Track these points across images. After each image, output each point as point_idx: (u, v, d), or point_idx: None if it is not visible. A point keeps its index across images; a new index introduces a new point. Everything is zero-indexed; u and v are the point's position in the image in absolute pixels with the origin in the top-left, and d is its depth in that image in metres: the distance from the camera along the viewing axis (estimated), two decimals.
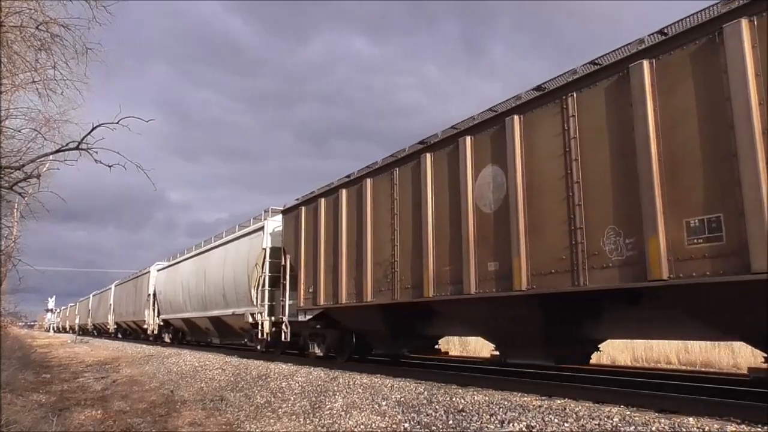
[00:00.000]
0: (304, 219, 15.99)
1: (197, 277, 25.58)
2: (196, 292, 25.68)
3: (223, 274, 22.05)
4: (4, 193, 14.97)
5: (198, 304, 25.42)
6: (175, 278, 29.42)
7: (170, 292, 30.04)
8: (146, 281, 35.37)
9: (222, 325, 23.52)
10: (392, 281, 12.00)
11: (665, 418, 6.47)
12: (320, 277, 14.81)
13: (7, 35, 10.69)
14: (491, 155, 9.85)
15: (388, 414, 8.63)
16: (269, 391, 11.79)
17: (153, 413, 10.91)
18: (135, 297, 38.77)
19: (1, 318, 30.81)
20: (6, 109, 14.95)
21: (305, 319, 15.66)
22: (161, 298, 31.94)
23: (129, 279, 42.94)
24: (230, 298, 21.21)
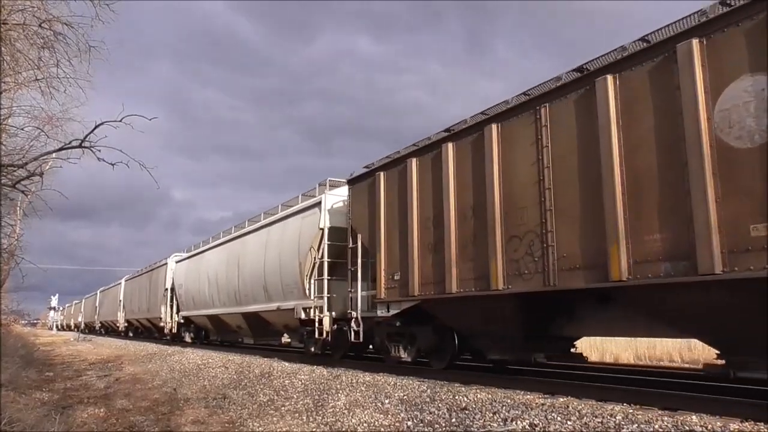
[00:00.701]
0: (384, 187, 12.88)
1: (228, 267, 22.32)
2: (226, 284, 22.37)
3: (265, 263, 18.75)
4: (7, 191, 14.98)
5: (229, 298, 22.18)
6: (198, 270, 26.23)
7: (192, 286, 26.87)
8: (163, 274, 32.18)
9: (259, 323, 20.50)
10: (544, 260, 8.89)
11: (668, 416, 6.46)
12: (412, 260, 11.67)
13: (10, 33, 10.69)
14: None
15: (391, 412, 8.64)
16: (272, 389, 11.79)
17: (156, 411, 10.92)
18: (149, 292, 35.34)
19: (1, 316, 30.68)
20: (9, 107, 14.99)
21: (388, 313, 12.51)
22: (181, 292, 28.63)
23: (142, 272, 39.28)
24: (274, 291, 18.10)
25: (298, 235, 16.68)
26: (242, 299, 20.70)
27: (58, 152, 14.20)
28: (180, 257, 30.81)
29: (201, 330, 28.85)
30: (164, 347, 27.04)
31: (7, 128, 15.53)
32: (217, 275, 23.50)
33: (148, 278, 36.17)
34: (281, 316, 17.90)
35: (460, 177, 10.77)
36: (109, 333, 52.94)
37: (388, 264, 12.68)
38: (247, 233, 21.33)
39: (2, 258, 21.87)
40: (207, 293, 24.53)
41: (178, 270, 29.95)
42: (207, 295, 24.55)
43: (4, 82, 12.76)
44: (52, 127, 16.12)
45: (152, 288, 34.46)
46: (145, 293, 36.63)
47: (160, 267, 33.47)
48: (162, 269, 32.77)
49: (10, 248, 22.60)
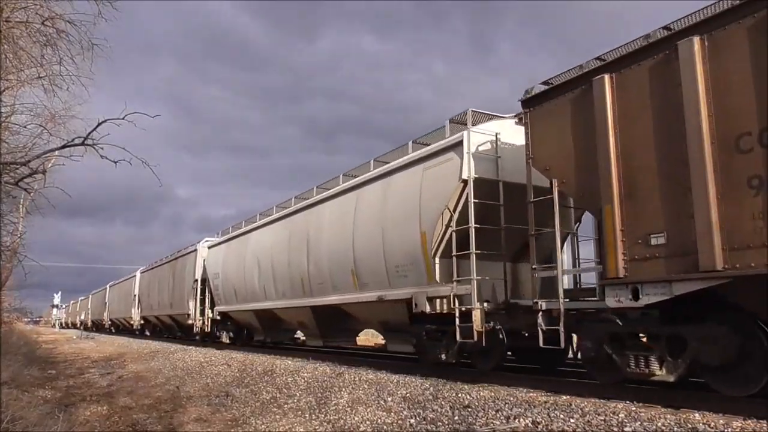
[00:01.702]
0: (615, 98, 8.25)
1: (290, 248, 17.43)
2: (287, 271, 17.58)
3: (354, 239, 13.99)
4: (10, 188, 15.00)
5: (291, 288, 17.37)
6: (242, 255, 21.33)
7: (234, 275, 21.99)
8: (190, 263, 27.34)
9: (334, 319, 16.10)
10: None
11: (671, 414, 6.46)
12: (703, 209, 6.97)
13: (13, 31, 10.70)
14: None
15: (394, 410, 8.64)
16: (275, 386, 11.80)
17: (159, 409, 10.93)
18: (172, 285, 30.45)
19: (1, 314, 30.59)
20: (12, 105, 15.01)
21: (637, 302, 7.78)
22: (217, 283, 23.67)
23: (162, 262, 33.89)
24: (370, 275, 13.47)
25: (417, 193, 11.95)
26: (313, 289, 16.07)
27: (60, 150, 14.24)
28: (213, 241, 25.86)
29: (242, 329, 23.83)
30: (167, 345, 27.01)
31: (10, 126, 15.54)
32: (272, 260, 18.67)
33: (171, 269, 31.32)
34: (377, 309, 13.62)
35: None
36: (121, 332, 48.59)
37: (635, 219, 7.91)
38: (319, 202, 16.35)
39: (4, 256, 21.90)
40: (256, 283, 19.76)
41: (212, 257, 24.92)
42: (255, 286, 19.84)
43: (7, 79, 12.78)
44: (55, 124, 16.18)
45: (176, 280, 29.86)
46: (166, 286, 31.81)
47: (186, 255, 28.63)
48: (189, 257, 27.86)
49: (12, 246, 22.62)
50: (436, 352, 11.73)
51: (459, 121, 12.03)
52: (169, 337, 33.77)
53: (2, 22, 10.22)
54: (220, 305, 23.95)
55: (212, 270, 24.52)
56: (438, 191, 11.36)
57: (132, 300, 40.76)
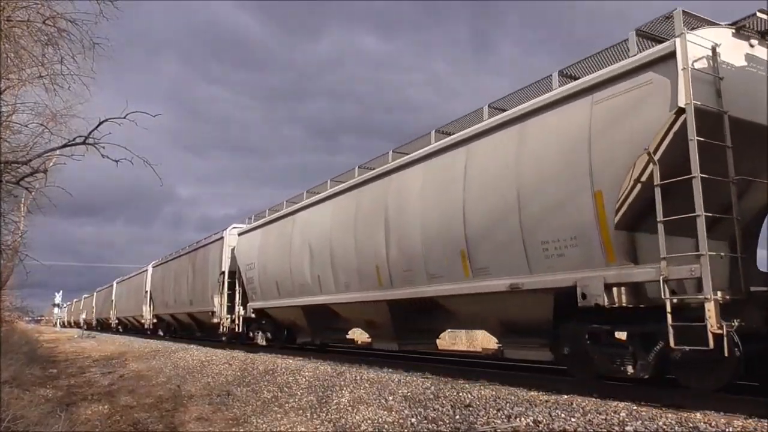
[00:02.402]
0: None
1: (360, 225, 14.02)
2: (357, 255, 14.08)
3: (465, 209, 10.67)
4: (11, 187, 15.02)
5: (360, 277, 14.02)
6: (285, 240, 17.86)
7: (274, 265, 18.67)
8: (215, 254, 23.95)
9: (427, 315, 12.97)
10: None
11: (672, 412, 6.45)
12: None
13: (14, 30, 10.71)
14: None
15: (395, 409, 8.64)
16: (276, 385, 11.80)
17: (160, 408, 10.94)
18: (192, 279, 27.07)
19: (1, 314, 30.50)
20: (13, 104, 15.02)
21: None
22: (252, 275, 20.33)
23: (180, 254, 30.28)
24: (487, 257, 10.32)
25: (583, 138, 8.65)
26: (394, 278, 12.79)
27: (61, 149, 14.27)
28: (245, 227, 22.31)
29: (283, 328, 19.91)
30: (168, 344, 26.95)
31: (11, 125, 15.56)
32: (330, 244, 15.23)
33: (190, 261, 27.81)
34: (500, 303, 10.31)
35: None
36: (128, 331, 45.73)
37: None
38: (403, 166, 12.82)
39: (6, 255, 21.92)
40: (306, 273, 16.36)
41: (245, 245, 21.42)
42: (306, 277, 16.42)
43: (8, 78, 12.79)
44: (56, 123, 16.18)
45: (198, 273, 26.42)
46: (185, 281, 28.27)
47: (210, 245, 25.10)
48: (214, 247, 24.43)
49: (14, 245, 22.65)
50: (612, 364, 8.54)
51: (650, 34, 8.51)
52: (188, 338, 30.25)
53: (3, 21, 10.22)
54: (255, 301, 20.41)
55: (245, 260, 21.07)
56: (626, 132, 8.04)
57: (143, 297, 37.46)
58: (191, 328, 29.53)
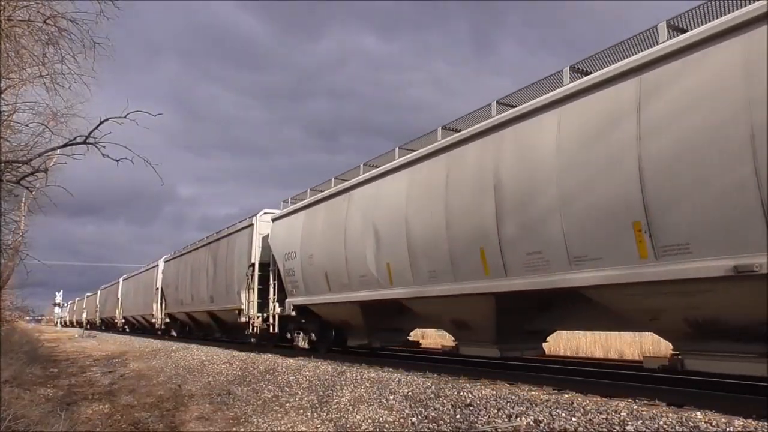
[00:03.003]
0: None
1: (454, 195, 10.89)
2: (449, 235, 10.84)
3: (643, 165, 7.44)
4: (12, 187, 15.03)
5: (453, 263, 10.79)
6: (339, 220, 14.64)
7: (323, 252, 15.36)
8: (243, 244, 20.82)
9: (545, 312, 10.64)
10: None
11: (673, 412, 6.45)
12: None
13: (15, 29, 10.72)
14: None
15: (396, 408, 8.64)
16: (277, 385, 11.81)
17: (161, 408, 10.94)
18: (213, 273, 23.89)
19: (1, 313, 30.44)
20: (14, 104, 15.03)
21: None
22: (292, 266, 17.02)
23: (197, 246, 27.10)
24: (692, 227, 6.99)
25: None
26: (509, 263, 9.59)
27: (62, 148, 14.27)
28: (280, 212, 18.82)
29: (331, 328, 16.84)
30: (169, 343, 26.93)
31: (12, 124, 15.58)
32: (406, 223, 11.97)
33: (210, 254, 24.75)
34: (706, 293, 7.12)
35: None
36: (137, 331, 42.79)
37: None
38: (523, 115, 9.58)
39: (6, 254, 21.93)
40: (370, 262, 13.18)
41: (281, 232, 18.29)
42: (369, 265, 13.20)
43: (9, 78, 12.80)
44: (57, 123, 16.21)
45: (220, 266, 23.27)
46: (204, 275, 25.15)
47: (236, 233, 22.01)
48: (241, 237, 21.30)
49: (14, 244, 22.67)
50: None
51: None
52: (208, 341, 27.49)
53: (4, 21, 10.23)
54: (296, 296, 17.10)
55: (282, 249, 17.90)
56: None
57: (153, 294, 34.50)
58: (210, 328, 26.46)
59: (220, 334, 25.79)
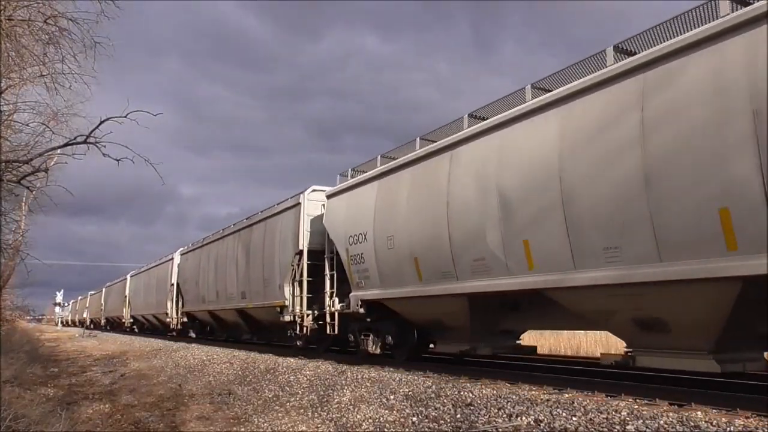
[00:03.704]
0: None
1: (725, 115, 6.63)
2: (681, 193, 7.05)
3: None
4: (12, 186, 15.03)
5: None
6: (448, 183, 11.11)
7: (416, 231, 11.94)
8: (288, 227, 17.37)
9: None
10: None
11: (673, 411, 6.45)
12: None
13: (16, 29, 10.72)
14: None
15: (396, 408, 8.64)
16: (277, 384, 11.81)
17: (161, 407, 10.94)
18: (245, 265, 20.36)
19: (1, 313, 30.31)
20: (14, 103, 15.03)
21: None
22: (361, 252, 13.75)
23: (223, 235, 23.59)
24: None
25: None
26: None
27: (63, 148, 14.27)
28: (340, 186, 15.27)
29: (412, 330, 13.53)
30: (169, 343, 26.92)
31: (12, 124, 15.58)
32: (560, 181, 8.68)
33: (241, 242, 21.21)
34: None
35: None
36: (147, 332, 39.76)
37: None
38: None
39: (6, 254, 21.93)
40: (492, 240, 9.92)
41: (341, 210, 14.90)
42: (490, 245, 9.96)
43: (9, 77, 12.80)
44: (57, 122, 16.19)
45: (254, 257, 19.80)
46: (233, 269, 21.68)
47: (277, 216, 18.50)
48: (285, 219, 17.87)
49: (15, 244, 22.67)
50: None
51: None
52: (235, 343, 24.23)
53: (4, 20, 10.23)
54: (366, 289, 13.80)
55: (344, 231, 14.51)
56: None
57: (168, 291, 31.17)
58: (238, 329, 23.31)
59: (250, 336, 22.83)
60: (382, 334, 14.02)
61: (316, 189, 17.02)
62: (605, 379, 10.19)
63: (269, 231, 18.92)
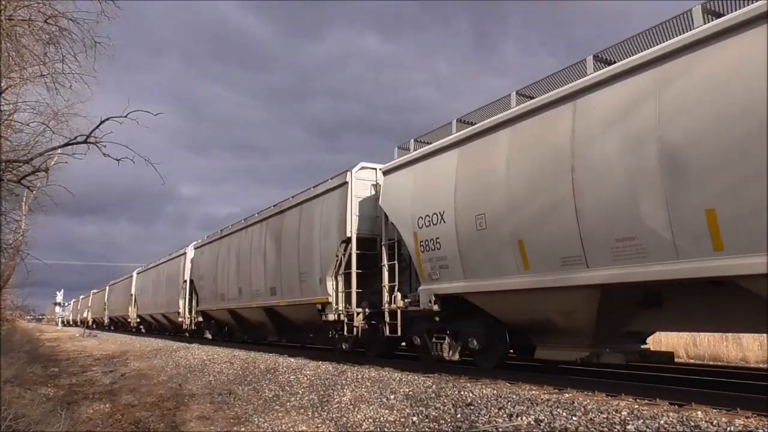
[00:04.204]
0: None
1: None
2: None
3: None
4: (12, 186, 15.04)
5: None
6: (591, 140, 8.45)
7: (535, 206, 9.31)
8: (333, 210, 15.13)
9: None
10: None
11: (674, 411, 6.45)
12: None
13: (16, 29, 10.72)
14: None
15: (396, 407, 8.63)
16: (277, 384, 11.81)
17: (161, 407, 10.94)
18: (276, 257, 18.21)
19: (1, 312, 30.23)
20: (14, 103, 15.03)
21: None
22: (435, 236, 11.57)
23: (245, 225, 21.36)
24: None
25: None
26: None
27: (63, 147, 14.27)
28: (400, 161, 13.01)
29: (502, 332, 11.11)
30: (170, 342, 26.91)
31: (13, 123, 15.57)
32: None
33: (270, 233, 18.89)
34: None
35: None
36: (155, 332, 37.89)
37: None
38: None
39: (7, 254, 21.93)
40: (651, 209, 7.63)
41: (404, 186, 12.68)
42: (646, 217, 7.69)
43: (10, 77, 12.80)
44: (57, 122, 16.18)
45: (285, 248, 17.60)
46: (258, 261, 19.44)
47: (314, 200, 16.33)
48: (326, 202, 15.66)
49: (15, 244, 22.66)
50: None
51: None
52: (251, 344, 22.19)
53: (5, 20, 10.23)
54: (442, 281, 11.52)
55: (409, 213, 12.31)
56: None
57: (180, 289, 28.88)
58: (264, 328, 20.82)
59: (278, 338, 20.42)
60: (462, 337, 11.62)
61: (365, 166, 14.96)
62: (606, 378, 10.19)
63: (306, 217, 16.58)
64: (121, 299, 46.01)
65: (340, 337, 15.14)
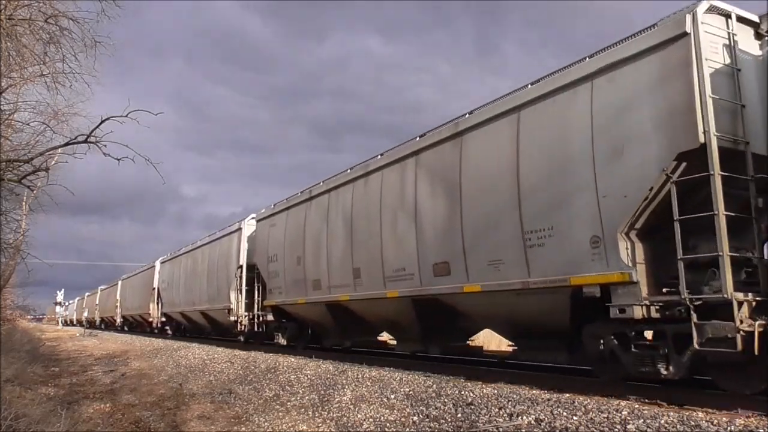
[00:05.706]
0: None
1: None
2: None
3: None
4: (13, 186, 15.04)
5: None
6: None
7: None
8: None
9: None
10: None
11: (674, 411, 6.45)
12: None
13: (16, 28, 10.72)
14: None
15: (397, 407, 8.63)
16: (278, 384, 11.80)
17: (162, 406, 10.93)
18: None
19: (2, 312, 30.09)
20: (15, 102, 15.03)
21: None
22: None
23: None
24: None
25: None
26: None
27: (63, 147, 14.27)
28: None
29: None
30: (170, 342, 26.94)
31: (13, 123, 15.58)
32: None
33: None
34: None
35: None
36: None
37: None
38: None
39: (7, 253, 21.92)
40: None
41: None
42: None
43: (10, 77, 12.80)
44: (58, 122, 16.18)
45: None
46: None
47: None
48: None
49: (15, 243, 22.65)
50: None
51: None
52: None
53: (5, 20, 10.23)
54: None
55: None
56: None
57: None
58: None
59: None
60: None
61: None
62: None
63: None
64: (140, 295, 39.53)
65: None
